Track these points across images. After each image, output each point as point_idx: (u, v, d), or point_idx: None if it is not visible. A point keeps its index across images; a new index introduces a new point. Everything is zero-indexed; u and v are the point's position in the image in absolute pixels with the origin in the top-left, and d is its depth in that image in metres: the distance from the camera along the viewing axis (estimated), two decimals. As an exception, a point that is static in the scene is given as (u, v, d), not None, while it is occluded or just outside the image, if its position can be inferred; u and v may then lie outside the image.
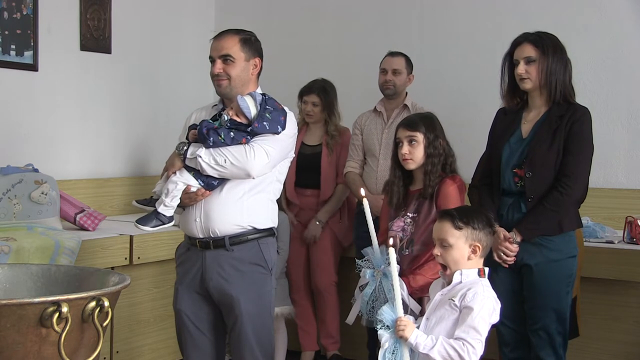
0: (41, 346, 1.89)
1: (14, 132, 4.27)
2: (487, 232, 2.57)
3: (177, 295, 3.06)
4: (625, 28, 4.48)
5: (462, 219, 2.53)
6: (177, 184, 2.86)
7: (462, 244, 2.52)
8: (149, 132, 5.07)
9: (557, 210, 3.02)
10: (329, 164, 4.41)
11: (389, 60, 4.32)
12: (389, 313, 2.54)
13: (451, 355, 2.40)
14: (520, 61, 3.09)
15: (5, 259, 3.32)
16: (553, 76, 3.06)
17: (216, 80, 2.99)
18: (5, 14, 4.18)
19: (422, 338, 2.44)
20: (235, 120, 2.86)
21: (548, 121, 3.08)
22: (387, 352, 2.52)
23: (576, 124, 3.04)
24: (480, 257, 2.56)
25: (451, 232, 2.53)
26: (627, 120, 4.47)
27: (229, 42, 2.98)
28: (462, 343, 2.39)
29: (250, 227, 2.96)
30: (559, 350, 3.09)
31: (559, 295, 3.06)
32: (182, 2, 5.42)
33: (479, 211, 2.65)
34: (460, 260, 2.52)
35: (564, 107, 3.08)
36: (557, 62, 3.07)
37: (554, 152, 3.03)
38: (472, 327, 2.40)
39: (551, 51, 3.07)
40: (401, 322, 2.47)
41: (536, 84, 3.09)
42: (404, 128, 3.11)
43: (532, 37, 3.11)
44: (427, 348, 2.42)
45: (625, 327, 3.89)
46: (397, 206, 3.13)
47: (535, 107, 3.15)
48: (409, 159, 3.07)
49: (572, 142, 3.03)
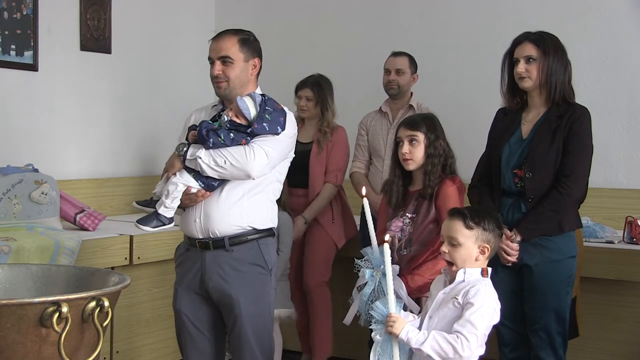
0: (41, 346, 1.89)
1: (14, 132, 4.27)
2: (497, 234, 2.57)
3: (177, 295, 3.06)
4: (625, 28, 4.48)
5: (473, 219, 2.52)
6: (177, 185, 2.86)
7: (472, 244, 2.52)
8: (149, 132, 5.07)
9: (557, 211, 3.02)
10: (318, 162, 4.27)
11: (392, 60, 4.33)
12: (381, 309, 2.56)
13: (444, 348, 2.39)
14: (521, 60, 3.09)
15: (5, 259, 3.32)
16: (553, 76, 3.06)
17: (215, 81, 2.98)
18: (5, 14, 4.18)
19: (413, 333, 2.44)
20: (234, 121, 2.86)
21: (547, 121, 3.08)
22: (379, 347, 2.54)
23: (575, 124, 3.04)
24: (486, 258, 2.56)
25: (462, 231, 2.52)
26: (627, 120, 4.47)
27: (228, 43, 2.97)
28: (456, 336, 2.39)
29: (249, 228, 2.96)
30: (558, 351, 3.09)
31: (559, 295, 3.06)
32: (182, 2, 5.42)
33: (489, 213, 2.63)
34: (467, 260, 2.52)
35: (563, 107, 3.08)
36: (558, 62, 3.07)
37: (554, 152, 3.03)
38: (469, 321, 2.40)
39: (552, 51, 3.07)
40: (391, 318, 2.48)
41: (536, 83, 3.09)
42: (405, 127, 3.11)
43: (534, 37, 3.11)
44: (418, 343, 2.42)
45: (625, 327, 3.89)
46: (396, 206, 3.13)
47: (535, 107, 3.15)
48: (409, 159, 3.07)
49: (572, 142, 3.03)
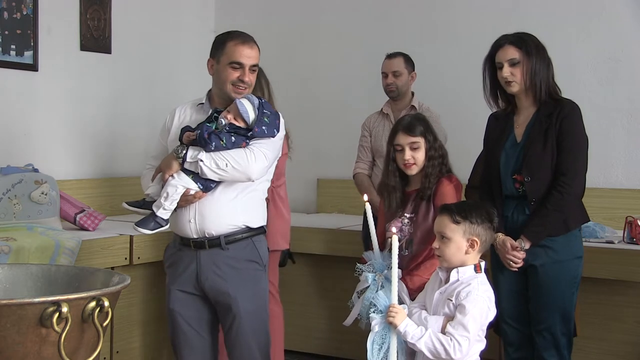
0: (41, 346, 1.89)
1: (14, 132, 4.27)
2: (487, 227, 2.59)
3: (170, 295, 3.05)
4: (625, 28, 4.48)
5: (460, 214, 2.56)
6: (177, 188, 2.85)
7: (460, 237, 2.55)
8: (148, 132, 5.06)
9: (561, 210, 3.01)
10: None
11: (387, 63, 4.30)
12: (383, 299, 2.60)
13: (437, 348, 2.44)
14: (504, 64, 3.04)
15: (5, 259, 3.32)
16: (537, 76, 3.03)
17: (240, 87, 2.94)
18: (5, 14, 4.18)
19: (411, 327, 2.50)
20: (234, 124, 2.86)
21: (538, 122, 3.05)
22: (376, 336, 2.58)
23: (565, 121, 3.02)
24: (478, 251, 2.58)
25: (449, 226, 2.56)
26: (627, 120, 4.47)
27: (257, 52, 2.97)
28: (449, 338, 2.44)
29: (244, 226, 2.98)
30: (563, 351, 3.08)
31: (564, 296, 3.06)
32: (182, 2, 5.42)
33: (478, 206, 2.66)
34: (456, 254, 2.55)
35: (551, 105, 3.05)
36: (540, 61, 3.04)
37: (549, 152, 3.02)
38: (461, 324, 2.45)
39: (534, 51, 3.04)
40: (393, 308, 2.53)
41: (522, 86, 3.05)
42: (404, 134, 3.07)
43: (513, 39, 3.07)
44: (415, 338, 2.48)
45: (625, 327, 3.88)
46: (395, 208, 3.13)
47: (524, 109, 3.13)
48: (413, 164, 3.06)
49: (565, 139, 3.01)
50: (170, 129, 3.08)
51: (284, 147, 3.45)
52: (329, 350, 4.70)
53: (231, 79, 2.93)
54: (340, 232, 4.58)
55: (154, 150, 3.22)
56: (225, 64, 2.94)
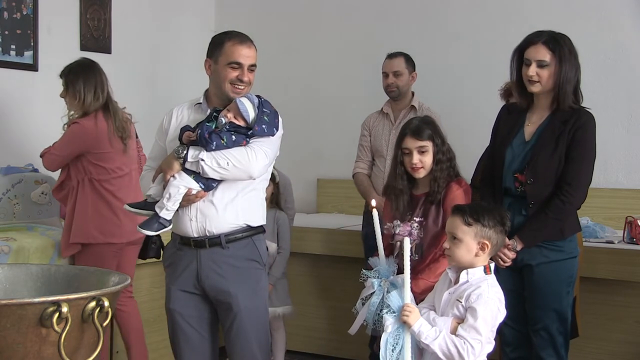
0: (41, 346, 1.88)
1: (14, 132, 4.27)
2: (498, 230, 2.57)
3: (170, 295, 3.05)
4: (625, 28, 4.48)
5: (472, 216, 2.54)
6: (179, 188, 2.85)
7: (470, 240, 2.53)
8: (148, 132, 5.05)
9: (560, 219, 2.99)
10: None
11: (388, 63, 4.30)
12: (397, 298, 2.58)
13: (451, 351, 2.43)
14: (533, 63, 2.98)
15: (5, 259, 3.33)
16: (565, 84, 2.97)
17: (239, 86, 2.94)
18: (5, 14, 4.18)
19: (425, 328, 2.48)
20: (234, 123, 2.86)
21: (551, 126, 3.02)
22: (389, 337, 2.56)
23: (579, 131, 2.98)
24: (488, 254, 2.57)
25: (461, 227, 2.54)
26: (627, 120, 4.47)
27: (255, 52, 2.98)
28: (463, 342, 2.43)
29: (245, 225, 2.98)
30: (560, 351, 3.08)
31: (560, 295, 3.05)
32: (182, 2, 5.42)
33: (491, 208, 2.63)
34: (466, 255, 2.54)
35: (568, 112, 3.00)
36: (571, 68, 2.97)
37: (556, 159, 2.99)
38: (473, 327, 2.43)
39: (567, 57, 2.96)
40: (407, 307, 2.52)
41: (545, 87, 3.00)
42: (412, 138, 3.03)
43: (548, 38, 2.98)
44: (429, 339, 2.46)
45: (625, 327, 3.89)
46: (403, 211, 3.10)
47: (540, 109, 3.08)
48: (420, 168, 3.05)
49: (575, 149, 2.98)
50: (168, 129, 3.08)
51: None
52: (329, 350, 4.70)
53: (230, 79, 2.94)
54: (340, 232, 4.59)
55: (151, 151, 3.22)
56: (224, 64, 2.94)
